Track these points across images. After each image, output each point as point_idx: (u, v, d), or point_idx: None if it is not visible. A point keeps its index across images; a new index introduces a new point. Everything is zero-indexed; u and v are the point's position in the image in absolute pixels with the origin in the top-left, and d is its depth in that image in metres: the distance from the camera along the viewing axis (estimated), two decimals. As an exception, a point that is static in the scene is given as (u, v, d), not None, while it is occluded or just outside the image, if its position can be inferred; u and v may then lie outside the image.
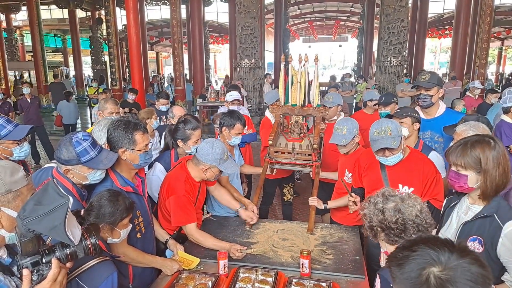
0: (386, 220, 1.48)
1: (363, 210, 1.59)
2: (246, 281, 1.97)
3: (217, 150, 2.40)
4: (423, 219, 1.47)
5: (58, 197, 1.08)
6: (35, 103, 7.98)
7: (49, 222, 1.04)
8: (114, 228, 1.78)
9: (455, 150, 1.72)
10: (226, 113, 3.25)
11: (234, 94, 4.64)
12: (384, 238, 1.51)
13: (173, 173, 2.53)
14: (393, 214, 1.48)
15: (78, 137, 1.88)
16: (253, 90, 11.26)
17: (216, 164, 2.41)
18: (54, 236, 1.07)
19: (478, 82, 7.81)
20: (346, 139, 2.83)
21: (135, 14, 8.09)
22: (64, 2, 17.34)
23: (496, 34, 22.31)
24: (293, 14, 24.01)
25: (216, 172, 2.47)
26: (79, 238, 1.13)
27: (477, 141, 1.69)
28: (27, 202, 1.08)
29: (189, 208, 2.41)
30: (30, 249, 1.06)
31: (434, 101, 3.01)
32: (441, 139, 3.02)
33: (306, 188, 6.13)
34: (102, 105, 3.61)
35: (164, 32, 22.89)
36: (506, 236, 1.60)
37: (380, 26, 10.54)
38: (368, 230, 1.57)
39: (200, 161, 2.43)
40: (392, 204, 1.50)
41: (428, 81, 2.99)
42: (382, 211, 1.50)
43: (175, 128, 2.95)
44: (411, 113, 2.75)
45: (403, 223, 1.45)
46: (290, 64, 3.19)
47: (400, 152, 2.33)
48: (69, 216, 1.08)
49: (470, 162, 1.66)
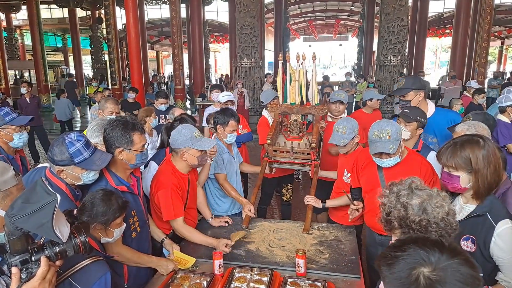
0: (408, 219, 1.31)
1: (382, 198, 1.43)
2: (241, 281, 1.96)
3: (183, 131, 2.38)
4: (448, 222, 1.30)
5: (46, 195, 1.08)
6: (34, 102, 7.98)
7: (37, 220, 1.04)
8: (107, 227, 1.78)
9: (445, 151, 1.71)
10: (219, 111, 3.24)
11: (228, 95, 4.61)
12: (400, 236, 1.38)
13: (160, 169, 2.54)
14: (417, 213, 1.30)
15: (71, 137, 1.86)
16: (253, 90, 11.25)
17: (189, 144, 2.36)
18: (42, 233, 1.07)
19: (475, 82, 7.81)
20: (345, 139, 2.82)
21: (135, 13, 8.10)
22: (64, 1, 17.35)
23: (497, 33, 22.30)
24: (293, 13, 24.01)
25: (194, 154, 2.40)
26: (67, 236, 1.12)
27: (467, 141, 1.68)
28: (15, 200, 1.08)
29: (177, 202, 2.38)
30: (18, 247, 1.06)
31: (414, 104, 2.98)
32: (435, 139, 3.01)
33: (305, 187, 6.13)
34: (102, 104, 3.61)
35: (164, 31, 22.89)
36: (499, 236, 1.59)
37: (380, 25, 10.53)
38: (384, 221, 1.41)
39: (175, 149, 2.43)
40: (418, 200, 1.33)
41: (401, 88, 3.00)
42: (405, 207, 1.33)
43: (170, 126, 2.94)
44: (419, 118, 2.68)
45: (426, 226, 1.29)
46: (288, 63, 3.18)
47: (397, 156, 2.32)
48: (57, 213, 1.07)
49: (460, 163, 1.65)
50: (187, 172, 2.52)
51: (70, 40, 20.19)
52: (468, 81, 8.44)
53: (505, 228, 1.59)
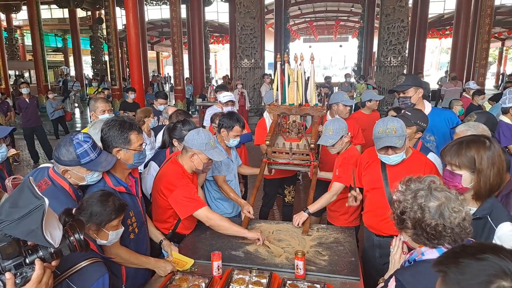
0: (423, 222, 1.27)
1: (396, 195, 1.38)
2: (240, 283, 1.95)
3: (202, 135, 2.42)
4: (463, 228, 1.25)
5: (34, 199, 1.04)
6: (33, 103, 7.96)
7: (26, 226, 1.00)
8: (101, 228, 1.76)
9: (450, 149, 1.70)
10: (225, 115, 3.22)
11: (228, 95, 4.61)
12: (412, 236, 1.34)
13: (168, 170, 2.51)
14: (433, 216, 1.26)
15: (78, 138, 1.87)
16: (253, 90, 11.25)
17: (202, 149, 2.40)
18: (32, 240, 1.03)
19: (473, 83, 7.79)
20: (332, 139, 2.82)
21: (135, 13, 8.09)
22: (64, 1, 17.36)
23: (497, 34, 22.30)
24: (293, 14, 24.03)
25: (203, 159, 2.44)
26: (60, 240, 1.08)
27: (473, 141, 1.67)
28: (3, 204, 1.05)
29: (196, 195, 2.40)
30: (10, 252, 1.03)
31: (414, 101, 2.99)
32: (433, 137, 3.01)
33: (305, 187, 6.12)
34: (92, 105, 3.52)
35: (165, 32, 22.91)
36: (500, 238, 1.57)
37: (380, 26, 10.53)
38: (396, 219, 1.36)
39: (187, 147, 2.44)
40: (436, 203, 1.28)
41: (402, 84, 2.99)
42: (422, 209, 1.28)
43: (172, 127, 2.94)
44: (419, 122, 2.65)
45: (441, 231, 1.25)
46: (286, 64, 3.18)
47: (403, 152, 2.31)
48: (47, 217, 1.04)
49: (464, 162, 1.64)
50: (192, 173, 2.54)
51: (70, 41, 20.19)
52: (467, 82, 8.42)
53: (506, 231, 1.57)
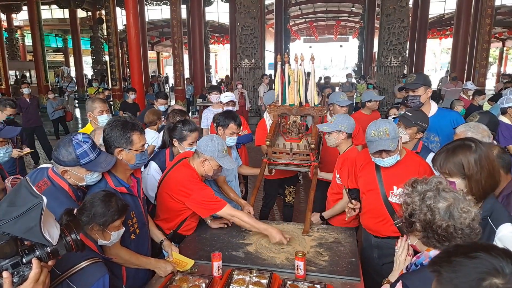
0: (434, 224, 1.24)
1: (404, 197, 1.36)
2: (240, 283, 1.95)
3: (216, 142, 2.46)
4: (473, 228, 1.23)
5: (32, 197, 1.05)
6: (34, 103, 7.96)
7: (24, 224, 1.01)
8: (105, 229, 1.77)
9: (438, 157, 1.68)
10: (221, 113, 3.24)
11: (229, 95, 4.60)
12: (422, 239, 1.32)
13: (180, 174, 2.50)
14: (443, 218, 1.23)
15: (78, 138, 1.87)
16: (253, 91, 11.26)
17: (214, 156, 2.44)
18: (30, 238, 1.04)
19: (471, 83, 7.78)
20: (328, 127, 2.87)
21: (135, 14, 8.09)
22: (64, 2, 17.37)
23: (497, 34, 22.29)
24: (293, 14, 24.03)
25: (214, 165, 2.48)
26: (57, 238, 1.10)
27: (458, 146, 1.64)
28: (0, 204, 1.05)
29: (215, 196, 2.44)
30: (7, 251, 1.03)
31: (423, 101, 2.97)
32: (437, 138, 3.00)
33: (306, 188, 6.12)
34: (90, 106, 3.37)
35: (165, 32, 22.91)
36: (500, 240, 1.57)
37: (381, 27, 10.54)
38: (405, 221, 1.33)
39: (199, 153, 2.48)
40: (445, 204, 1.26)
41: (414, 82, 2.97)
42: (432, 211, 1.25)
43: (173, 127, 2.94)
44: (420, 122, 2.63)
45: (452, 232, 1.23)
46: (286, 64, 3.17)
47: (397, 154, 2.30)
48: (45, 215, 1.05)
49: (453, 169, 1.61)
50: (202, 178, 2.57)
51: (70, 41, 20.20)
52: (465, 83, 8.40)
53: (506, 232, 1.57)
